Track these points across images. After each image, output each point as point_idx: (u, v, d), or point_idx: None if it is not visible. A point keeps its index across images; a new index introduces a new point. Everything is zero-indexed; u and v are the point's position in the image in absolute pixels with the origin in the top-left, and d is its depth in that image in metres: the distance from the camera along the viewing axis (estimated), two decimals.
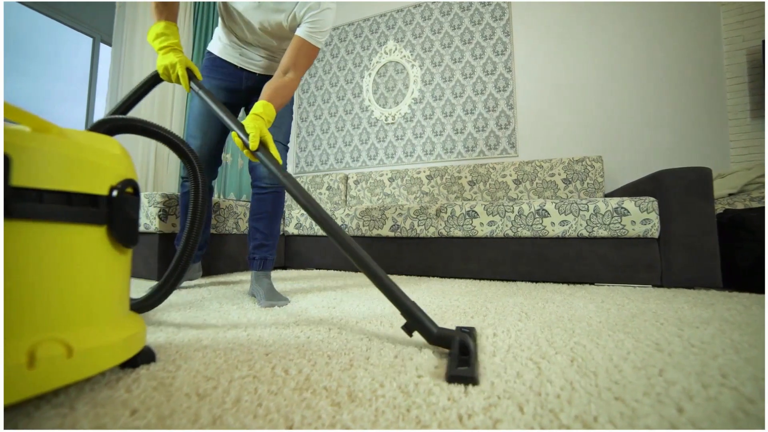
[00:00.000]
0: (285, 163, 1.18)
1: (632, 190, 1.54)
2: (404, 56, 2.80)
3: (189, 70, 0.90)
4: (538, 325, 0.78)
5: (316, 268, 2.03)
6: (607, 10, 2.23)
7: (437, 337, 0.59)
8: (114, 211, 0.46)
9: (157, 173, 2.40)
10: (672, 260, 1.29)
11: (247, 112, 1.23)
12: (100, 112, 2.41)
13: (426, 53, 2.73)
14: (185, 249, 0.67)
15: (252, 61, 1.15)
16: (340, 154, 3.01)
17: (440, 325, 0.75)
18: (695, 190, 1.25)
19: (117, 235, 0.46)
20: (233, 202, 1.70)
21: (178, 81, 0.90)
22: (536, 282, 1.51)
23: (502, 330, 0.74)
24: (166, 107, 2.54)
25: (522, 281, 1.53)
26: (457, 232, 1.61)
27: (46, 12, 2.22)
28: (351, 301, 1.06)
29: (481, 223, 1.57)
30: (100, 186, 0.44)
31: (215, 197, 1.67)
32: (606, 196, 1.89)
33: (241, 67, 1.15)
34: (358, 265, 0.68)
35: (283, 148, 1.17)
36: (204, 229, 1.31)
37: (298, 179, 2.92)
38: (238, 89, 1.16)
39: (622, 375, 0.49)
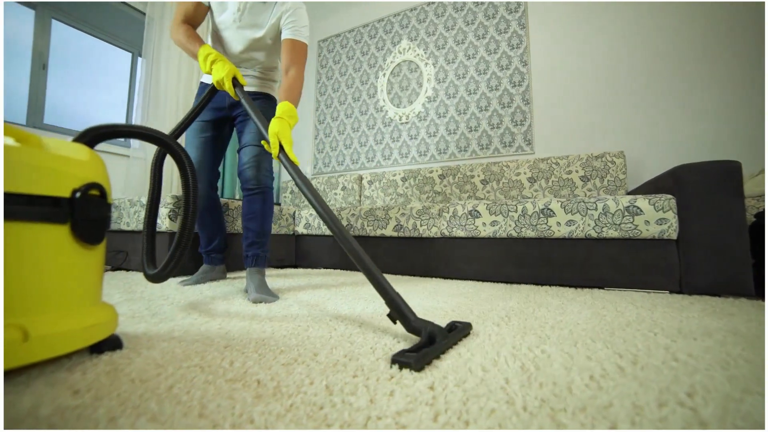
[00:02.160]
0: (269, 165, 1.25)
1: (651, 187, 1.41)
2: (418, 54, 2.78)
3: (234, 79, 1.02)
4: (515, 329, 0.75)
5: (325, 267, 2.07)
6: None
7: (413, 328, 0.64)
8: (76, 211, 0.50)
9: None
10: (693, 264, 1.17)
11: (232, 126, 1.36)
12: (137, 120, 2.64)
13: (439, 50, 2.69)
14: (186, 217, 0.77)
15: None
16: (355, 155, 3.05)
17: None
18: (720, 186, 1.12)
19: (79, 233, 0.51)
20: (240, 203, 1.79)
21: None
22: (541, 285, 1.43)
23: (472, 333, 0.72)
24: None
25: (526, 284, 1.46)
26: (460, 233, 1.57)
27: (92, 32, 2.50)
28: (337, 299, 1.07)
29: (484, 223, 1.52)
30: (62, 189, 0.49)
31: (224, 200, 1.77)
32: (628, 194, 1.75)
33: None
34: (354, 259, 0.74)
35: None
36: (219, 229, 1.40)
37: (315, 181, 3.00)
38: (222, 106, 1.29)
39: (570, 388, 0.46)
